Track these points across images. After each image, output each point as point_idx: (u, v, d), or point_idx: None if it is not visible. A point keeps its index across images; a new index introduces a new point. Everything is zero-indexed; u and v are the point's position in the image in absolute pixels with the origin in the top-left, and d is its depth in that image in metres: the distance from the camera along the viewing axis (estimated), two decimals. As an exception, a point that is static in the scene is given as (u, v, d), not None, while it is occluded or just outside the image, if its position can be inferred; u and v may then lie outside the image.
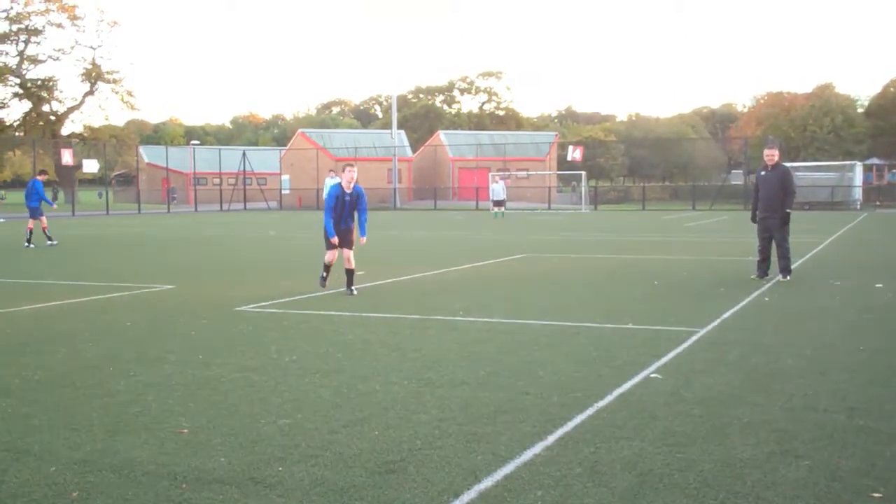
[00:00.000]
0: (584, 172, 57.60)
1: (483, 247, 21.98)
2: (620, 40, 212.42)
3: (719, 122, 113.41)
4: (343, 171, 13.09)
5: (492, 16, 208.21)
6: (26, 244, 22.97)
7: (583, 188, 56.72)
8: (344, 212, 13.02)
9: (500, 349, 8.32)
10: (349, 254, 12.96)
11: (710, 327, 9.23)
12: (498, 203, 42.25)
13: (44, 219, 23.98)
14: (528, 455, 5.01)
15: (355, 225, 13.13)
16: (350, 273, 12.92)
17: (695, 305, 11.03)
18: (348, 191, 12.99)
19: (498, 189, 42.74)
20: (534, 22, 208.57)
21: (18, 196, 74.63)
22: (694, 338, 8.67)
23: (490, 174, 53.79)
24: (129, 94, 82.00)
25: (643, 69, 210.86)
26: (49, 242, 23.29)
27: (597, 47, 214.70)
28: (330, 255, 13.12)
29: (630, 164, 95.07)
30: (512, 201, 46.43)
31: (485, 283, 13.96)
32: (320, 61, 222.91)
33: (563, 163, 69.49)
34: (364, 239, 13.09)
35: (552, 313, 10.55)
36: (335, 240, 12.87)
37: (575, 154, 55.77)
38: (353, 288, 12.80)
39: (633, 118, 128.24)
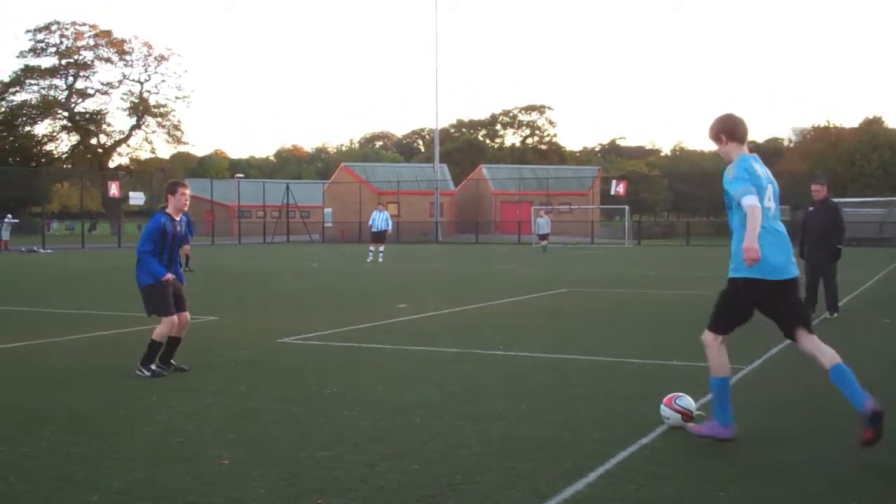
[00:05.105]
0: (627, 207, 57.39)
1: (525, 281, 21.90)
2: (664, 74, 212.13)
3: (765, 157, 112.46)
4: (174, 191, 8.98)
5: (536, 50, 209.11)
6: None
7: (626, 223, 56.46)
8: (174, 253, 8.99)
9: (540, 384, 8.25)
10: (186, 316, 9.08)
11: (755, 365, 9.08)
12: (542, 237, 42.26)
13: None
14: (569, 492, 4.94)
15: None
16: (178, 343, 9.00)
17: (739, 342, 10.77)
18: (176, 219, 8.98)
19: (542, 223, 42.73)
20: (578, 56, 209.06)
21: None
22: (739, 375, 8.53)
23: (533, 208, 53.76)
24: (176, 127, 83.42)
25: (688, 102, 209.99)
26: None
27: (641, 81, 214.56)
28: (168, 325, 8.76)
29: (674, 199, 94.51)
30: (554, 235, 46.32)
31: (526, 317, 13.89)
32: (364, 95, 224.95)
33: (606, 197, 69.29)
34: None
35: (594, 348, 10.46)
36: (169, 276, 8.72)
37: (618, 188, 55.57)
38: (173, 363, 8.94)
39: (678, 152, 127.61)
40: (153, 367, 8.66)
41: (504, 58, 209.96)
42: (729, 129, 6.01)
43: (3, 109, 78.79)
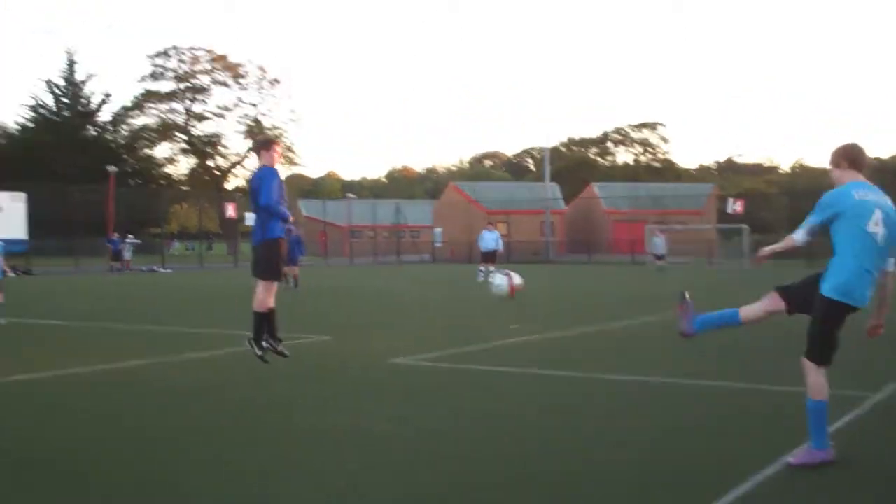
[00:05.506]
0: (745, 226, 55.89)
1: (640, 301, 21.49)
2: (783, 89, 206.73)
3: (892, 172, 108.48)
4: (269, 147, 8.94)
5: (647, 66, 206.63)
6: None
7: (744, 242, 54.98)
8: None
9: (656, 411, 8.04)
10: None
11: (885, 392, 8.63)
12: (658, 257, 41.43)
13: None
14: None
15: None
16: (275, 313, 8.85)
17: (865, 366, 10.33)
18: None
19: (658, 242, 41.91)
20: (690, 72, 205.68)
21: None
22: (867, 403, 8.11)
23: (647, 227, 52.88)
24: (289, 149, 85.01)
25: (808, 118, 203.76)
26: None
27: (759, 96, 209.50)
28: (269, 291, 8.71)
29: (795, 218, 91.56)
30: (670, 255, 45.37)
31: (642, 341, 13.60)
32: (474, 115, 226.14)
33: (722, 215, 67.66)
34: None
35: (712, 373, 10.13)
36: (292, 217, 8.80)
37: (735, 206, 54.17)
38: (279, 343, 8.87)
39: (798, 169, 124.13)
40: (264, 344, 8.62)
41: (615, 74, 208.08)
42: (852, 157, 6.13)
43: (125, 133, 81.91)
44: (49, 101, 77.17)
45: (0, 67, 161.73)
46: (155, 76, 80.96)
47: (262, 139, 9.17)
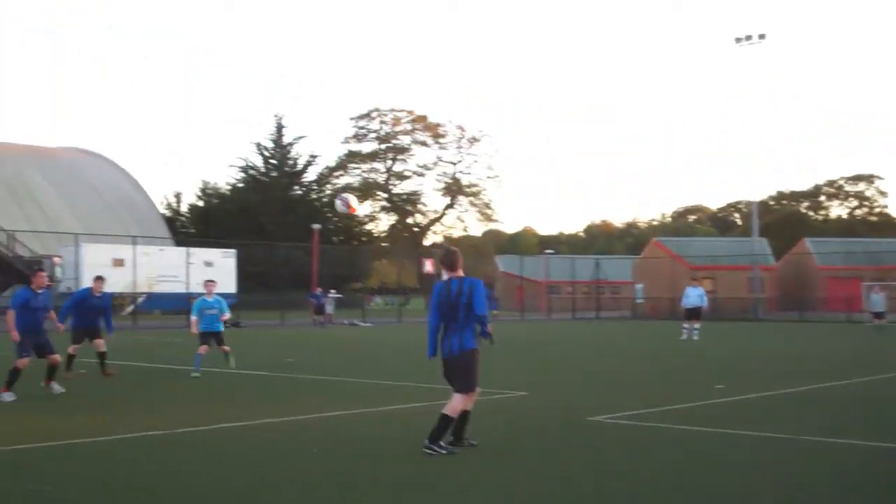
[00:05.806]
0: (975, 282, 51.57)
1: (856, 362, 19.94)
2: None
3: None
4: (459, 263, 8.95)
5: (862, 117, 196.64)
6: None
7: (973, 299, 50.69)
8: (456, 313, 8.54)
9: (868, 477, 7.35)
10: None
11: None
12: (877, 315, 38.64)
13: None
14: None
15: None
16: (469, 416, 8.56)
17: None
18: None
19: (877, 300, 39.14)
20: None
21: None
22: None
23: (864, 284, 49.74)
24: (487, 206, 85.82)
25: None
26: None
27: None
28: (471, 399, 8.54)
29: None
30: (889, 313, 42.30)
31: (858, 402, 12.47)
32: (676, 168, 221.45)
33: (947, 272, 62.84)
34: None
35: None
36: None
37: (962, 262, 50.13)
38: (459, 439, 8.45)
39: None
40: (442, 443, 8.29)
41: (828, 125, 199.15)
42: None
43: (329, 192, 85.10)
44: (258, 162, 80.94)
45: (212, 133, 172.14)
46: (358, 137, 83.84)
47: (453, 258, 9.01)
